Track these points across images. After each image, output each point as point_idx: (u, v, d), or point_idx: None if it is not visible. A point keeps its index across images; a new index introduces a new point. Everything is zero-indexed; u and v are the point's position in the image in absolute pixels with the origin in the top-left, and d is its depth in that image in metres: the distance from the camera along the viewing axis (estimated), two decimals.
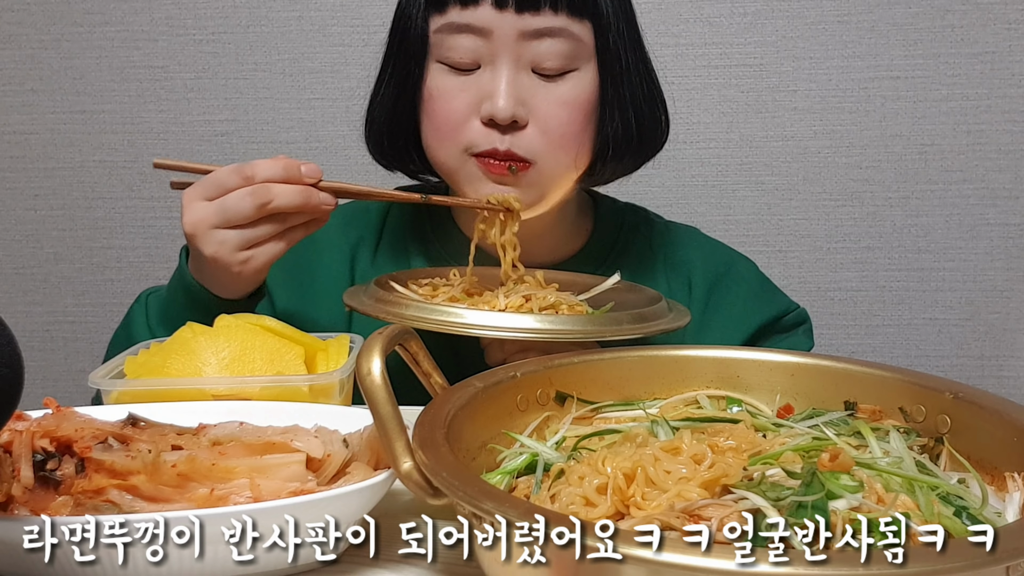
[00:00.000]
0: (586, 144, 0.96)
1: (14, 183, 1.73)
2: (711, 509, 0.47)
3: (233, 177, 0.84)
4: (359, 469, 0.59)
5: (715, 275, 1.08)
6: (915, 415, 0.63)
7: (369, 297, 0.87)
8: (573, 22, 0.90)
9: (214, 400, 0.71)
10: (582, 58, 0.93)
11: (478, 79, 0.92)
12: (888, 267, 1.63)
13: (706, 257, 1.09)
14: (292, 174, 0.86)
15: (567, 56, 0.91)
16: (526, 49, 0.90)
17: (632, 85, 0.96)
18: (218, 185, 0.84)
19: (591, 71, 0.94)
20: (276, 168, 0.85)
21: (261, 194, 0.84)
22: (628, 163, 1.00)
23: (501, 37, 0.90)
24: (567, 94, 0.93)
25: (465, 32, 0.91)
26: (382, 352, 0.53)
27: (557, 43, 0.90)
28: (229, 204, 0.84)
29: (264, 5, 1.63)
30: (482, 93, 0.91)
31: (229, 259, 0.85)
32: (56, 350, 1.79)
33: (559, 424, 0.64)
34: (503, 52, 0.90)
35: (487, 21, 0.90)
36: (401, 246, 1.08)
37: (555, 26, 0.90)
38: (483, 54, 0.91)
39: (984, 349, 1.65)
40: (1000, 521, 0.51)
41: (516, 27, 0.89)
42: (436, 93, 0.94)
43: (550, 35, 0.90)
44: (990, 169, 1.58)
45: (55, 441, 0.57)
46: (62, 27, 1.66)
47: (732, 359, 0.69)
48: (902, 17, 1.54)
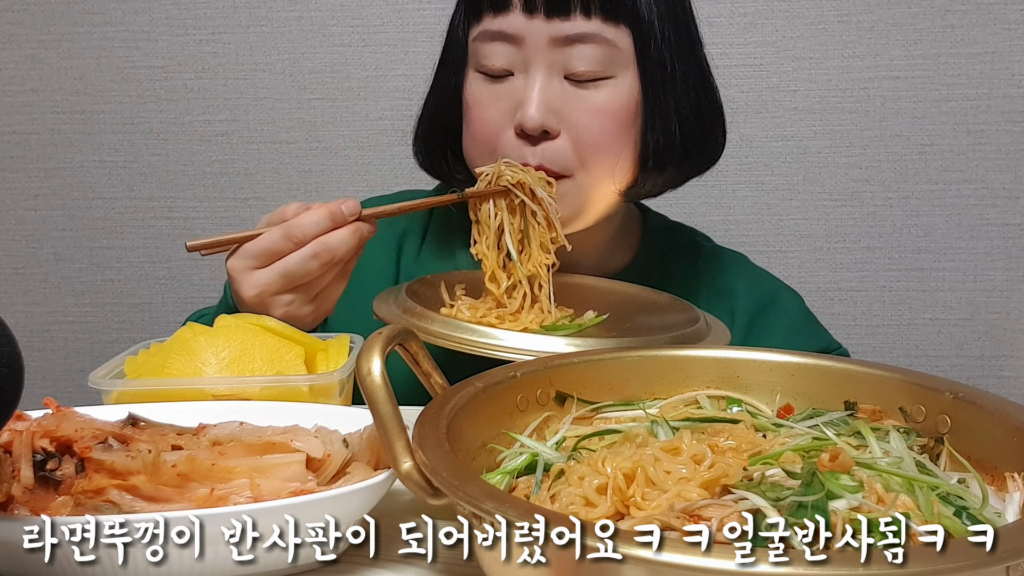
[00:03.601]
0: (624, 155, 0.92)
1: (14, 183, 1.73)
2: (711, 509, 0.47)
3: (284, 243, 0.83)
4: (359, 469, 0.59)
5: (758, 306, 1.05)
6: (915, 415, 0.63)
7: (398, 307, 0.86)
8: (608, 27, 0.88)
9: (214, 400, 0.71)
10: (619, 64, 0.90)
11: (511, 87, 0.91)
12: (888, 267, 1.63)
13: (751, 287, 1.07)
14: (338, 221, 0.85)
15: (601, 62, 0.89)
16: (558, 55, 0.89)
17: (677, 93, 0.92)
18: (270, 253, 0.83)
19: (630, 78, 0.91)
20: (324, 221, 0.84)
21: (324, 255, 0.84)
22: (673, 176, 0.96)
23: (532, 43, 0.89)
24: (601, 102, 0.90)
25: (498, 40, 0.90)
26: (382, 352, 0.53)
27: (590, 49, 0.88)
28: (293, 270, 0.83)
29: (264, 5, 1.63)
30: (515, 101, 0.90)
31: (299, 313, 0.86)
32: (56, 350, 1.79)
33: (559, 424, 0.64)
34: (535, 59, 0.89)
35: (518, 28, 0.89)
36: (446, 237, 1.08)
37: (587, 32, 0.88)
38: (516, 61, 0.90)
39: (984, 349, 1.65)
40: (1000, 521, 0.51)
41: (547, 33, 0.88)
42: (472, 102, 0.94)
43: (582, 41, 0.88)
44: (990, 169, 1.58)
45: (55, 441, 0.57)
46: (62, 27, 1.66)
47: (732, 359, 0.69)
48: (902, 17, 1.54)
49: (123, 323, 1.77)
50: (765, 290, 1.07)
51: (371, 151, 1.64)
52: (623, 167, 0.93)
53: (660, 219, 1.12)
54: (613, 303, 0.95)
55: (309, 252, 0.83)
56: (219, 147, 1.68)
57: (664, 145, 0.92)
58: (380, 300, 0.89)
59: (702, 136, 0.95)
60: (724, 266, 1.09)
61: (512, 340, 0.79)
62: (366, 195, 1.13)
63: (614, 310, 0.94)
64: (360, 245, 0.87)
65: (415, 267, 1.07)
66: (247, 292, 0.84)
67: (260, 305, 0.85)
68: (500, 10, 0.89)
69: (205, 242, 0.85)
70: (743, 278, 1.08)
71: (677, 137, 0.92)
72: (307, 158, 1.67)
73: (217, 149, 1.68)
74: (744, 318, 1.04)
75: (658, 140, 0.92)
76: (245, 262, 0.85)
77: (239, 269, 0.85)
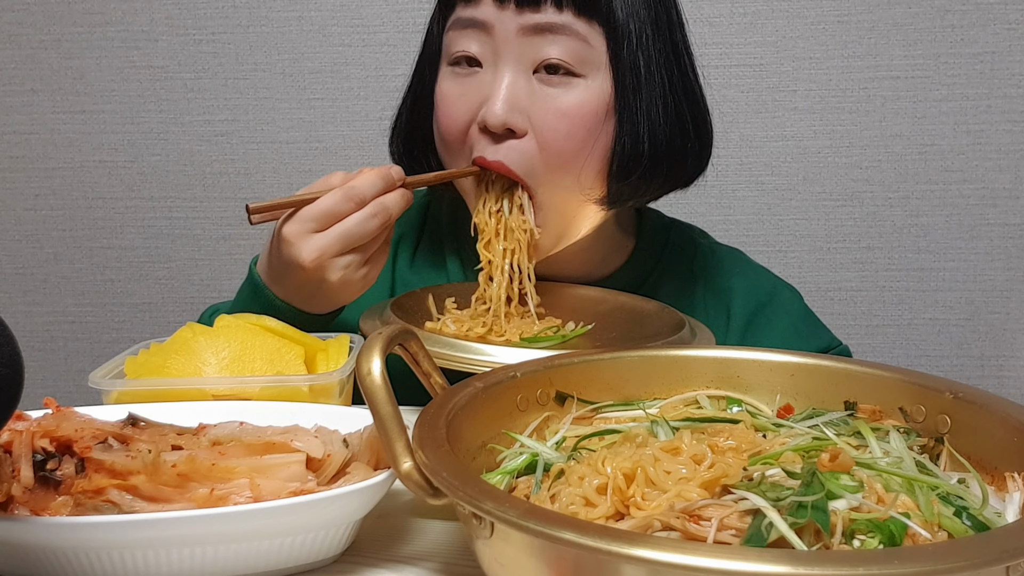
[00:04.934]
0: (591, 162, 0.89)
1: (14, 183, 1.73)
2: (711, 509, 0.47)
3: (347, 204, 0.84)
4: (359, 469, 0.59)
5: (756, 306, 1.04)
6: (915, 415, 0.63)
7: (382, 323, 0.86)
8: (579, 21, 0.86)
9: (214, 400, 0.71)
10: (592, 65, 0.87)
11: (479, 82, 0.89)
12: (888, 267, 1.63)
13: (748, 286, 1.05)
14: (390, 183, 0.86)
15: (572, 56, 0.86)
16: (528, 47, 0.86)
17: (651, 101, 0.88)
18: (332, 215, 0.84)
19: (601, 81, 0.88)
20: (379, 182, 0.85)
21: (383, 215, 0.85)
22: (645, 187, 0.92)
23: (502, 33, 0.87)
24: (569, 104, 0.87)
25: (469, 27, 0.89)
26: (382, 352, 0.53)
27: (560, 40, 0.86)
28: (353, 231, 0.84)
29: (264, 5, 1.63)
30: (482, 97, 0.88)
31: (354, 278, 0.86)
32: (56, 350, 1.79)
33: (559, 424, 0.64)
34: (504, 50, 0.87)
35: (488, 16, 0.87)
36: (439, 245, 1.07)
37: (558, 22, 0.86)
38: (486, 52, 0.88)
39: (984, 349, 1.65)
40: (1000, 521, 0.51)
41: (517, 23, 0.86)
42: (440, 98, 0.92)
43: (552, 31, 0.86)
44: (990, 169, 1.58)
45: (55, 441, 0.57)
46: (62, 27, 1.66)
47: (732, 359, 0.69)
48: (902, 17, 1.54)
49: (123, 323, 1.77)
50: (763, 288, 1.06)
51: (371, 151, 1.64)
52: (588, 175, 0.90)
53: (656, 216, 1.10)
54: (602, 312, 0.95)
55: (369, 212, 0.84)
56: (219, 147, 1.68)
57: (630, 153, 0.89)
58: (367, 316, 0.89)
59: (678, 147, 0.90)
60: (721, 264, 1.07)
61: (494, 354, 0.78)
62: None
63: (602, 319, 0.94)
64: (404, 209, 0.88)
65: (410, 274, 1.07)
66: (307, 255, 0.84)
67: (319, 270, 0.84)
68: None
69: (267, 204, 0.85)
70: (740, 276, 1.06)
71: (645, 145, 0.88)
72: (307, 158, 1.67)
73: (217, 149, 1.69)
74: (742, 317, 1.03)
75: (624, 147, 0.89)
76: (304, 226, 0.84)
77: (297, 233, 0.84)
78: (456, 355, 0.78)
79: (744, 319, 1.03)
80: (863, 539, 0.46)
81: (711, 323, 1.00)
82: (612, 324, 0.93)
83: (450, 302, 0.96)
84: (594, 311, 0.95)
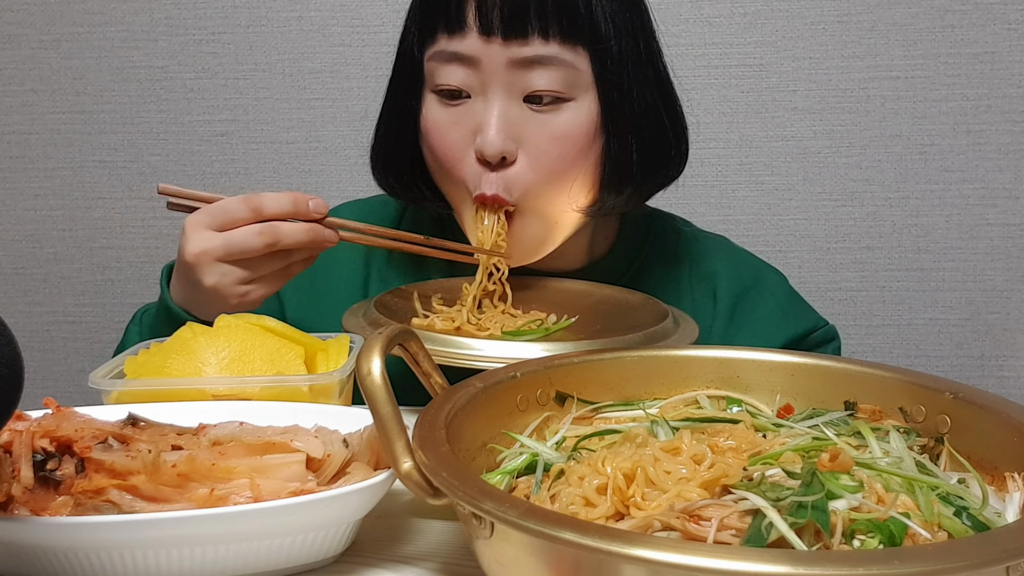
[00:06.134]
0: (582, 178, 0.91)
1: (14, 183, 1.73)
2: (711, 509, 0.47)
3: (242, 208, 0.83)
4: (359, 469, 0.59)
5: (741, 289, 1.04)
6: (915, 415, 0.63)
7: (366, 320, 0.86)
8: (566, 50, 0.86)
9: (214, 400, 0.71)
10: (580, 86, 0.88)
11: (470, 110, 0.89)
12: (888, 267, 1.63)
13: (733, 269, 1.06)
14: (300, 209, 0.85)
15: (561, 84, 0.87)
16: (517, 78, 0.86)
17: (637, 112, 0.90)
18: (226, 215, 0.83)
19: (589, 100, 0.89)
20: (285, 203, 0.84)
21: (269, 234, 0.83)
22: (632, 195, 0.94)
23: (490, 66, 0.86)
24: (560, 128, 0.88)
25: (454, 61, 0.88)
26: (382, 352, 0.53)
27: (549, 72, 0.86)
28: (236, 240, 0.83)
29: (264, 5, 1.63)
30: (474, 125, 0.88)
31: (229, 292, 0.85)
32: (56, 350, 1.79)
33: (559, 424, 0.64)
34: (493, 82, 0.87)
35: (475, 50, 0.86)
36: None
37: (546, 55, 0.85)
38: (473, 83, 0.88)
39: (984, 349, 1.65)
40: (1000, 521, 0.51)
41: (505, 56, 0.85)
42: (432, 126, 0.92)
43: (541, 64, 0.86)
44: (990, 169, 1.58)
45: (55, 441, 0.57)
46: (62, 27, 1.66)
47: (732, 359, 0.69)
48: (902, 17, 1.54)
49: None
50: (748, 271, 1.06)
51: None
52: (579, 189, 0.91)
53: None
54: (586, 305, 0.95)
55: (256, 228, 0.83)
56: (219, 147, 1.68)
57: (621, 166, 0.90)
58: (350, 314, 0.89)
59: (664, 153, 0.93)
60: (705, 250, 1.08)
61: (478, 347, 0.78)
62: (364, 195, 1.13)
63: (586, 312, 0.94)
64: (312, 247, 0.86)
65: (388, 271, 1.06)
66: (190, 248, 0.83)
67: (196, 268, 0.84)
68: (455, 32, 0.87)
69: (176, 190, 0.85)
70: (724, 261, 1.07)
71: (634, 157, 0.90)
72: (307, 158, 1.67)
73: (217, 149, 1.68)
74: (727, 300, 1.04)
75: (616, 161, 0.90)
76: (201, 219, 0.84)
77: (193, 224, 0.84)
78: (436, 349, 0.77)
79: (730, 302, 1.04)
80: (863, 539, 0.46)
81: (697, 307, 1.00)
82: (596, 316, 0.93)
83: (436, 299, 0.96)
84: (579, 304, 0.96)
